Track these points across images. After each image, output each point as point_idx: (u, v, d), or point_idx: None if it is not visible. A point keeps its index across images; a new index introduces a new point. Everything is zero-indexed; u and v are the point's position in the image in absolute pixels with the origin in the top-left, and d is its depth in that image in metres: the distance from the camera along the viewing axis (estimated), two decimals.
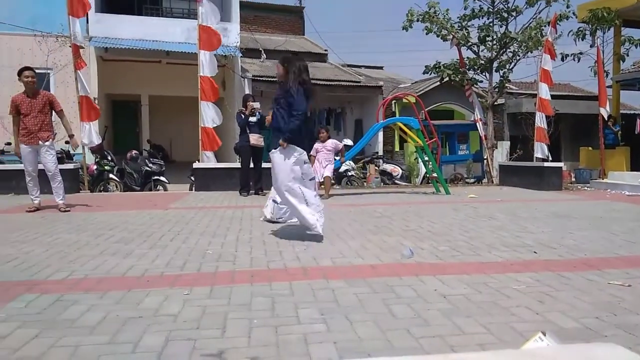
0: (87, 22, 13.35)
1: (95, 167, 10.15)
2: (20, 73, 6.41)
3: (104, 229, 5.10)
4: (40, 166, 6.56)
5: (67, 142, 11.71)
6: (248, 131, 8.39)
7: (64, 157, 10.38)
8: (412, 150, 13.86)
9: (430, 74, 14.21)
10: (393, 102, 15.84)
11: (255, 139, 8.36)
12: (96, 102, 10.14)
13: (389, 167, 13.46)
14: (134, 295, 2.86)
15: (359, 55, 75.20)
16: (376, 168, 13.64)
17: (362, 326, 2.39)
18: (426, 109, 11.04)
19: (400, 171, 13.33)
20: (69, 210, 6.50)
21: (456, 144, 14.81)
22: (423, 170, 12.65)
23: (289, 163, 4.48)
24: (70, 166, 9.28)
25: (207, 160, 9.64)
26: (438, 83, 16.42)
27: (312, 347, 2.13)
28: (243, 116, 8.45)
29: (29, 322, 2.43)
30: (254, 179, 8.66)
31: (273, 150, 4.59)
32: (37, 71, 6.93)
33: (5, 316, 2.51)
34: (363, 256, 3.90)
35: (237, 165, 9.16)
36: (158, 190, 10.30)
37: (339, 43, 60.51)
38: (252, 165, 8.59)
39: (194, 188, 9.79)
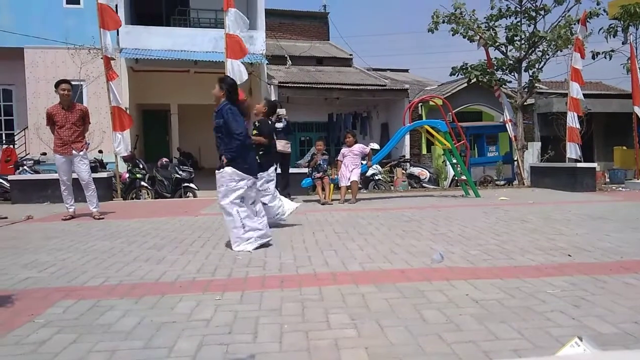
0: (118, 34, 13.72)
1: (127, 175, 10.39)
2: (57, 85, 6.62)
3: (137, 236, 5.21)
4: (75, 175, 6.75)
5: (100, 152, 12.07)
6: (275, 137, 8.46)
7: (97, 166, 10.68)
8: (439, 153, 13.73)
9: (457, 76, 14.08)
10: (420, 105, 15.73)
11: (282, 145, 8.41)
12: (127, 112, 10.39)
13: (416, 171, 13.37)
14: (168, 300, 2.92)
15: (384, 59, 75.01)
16: (403, 171, 13.56)
17: (393, 331, 2.38)
18: (454, 111, 10.93)
19: (428, 174, 13.22)
20: (102, 218, 6.67)
21: (485, 146, 14.59)
22: (451, 173, 12.51)
23: (230, 186, 4.42)
24: (103, 175, 9.54)
25: None
26: (465, 84, 16.25)
27: (344, 353, 2.13)
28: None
29: (68, 327, 2.50)
30: (281, 184, 8.71)
31: (217, 170, 4.56)
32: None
33: (44, 322, 2.59)
34: (392, 261, 3.88)
35: None
36: (188, 196, 10.47)
37: (364, 47, 60.49)
38: (279, 170, 8.65)
39: None
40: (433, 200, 8.61)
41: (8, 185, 9.70)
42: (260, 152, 5.68)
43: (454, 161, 9.57)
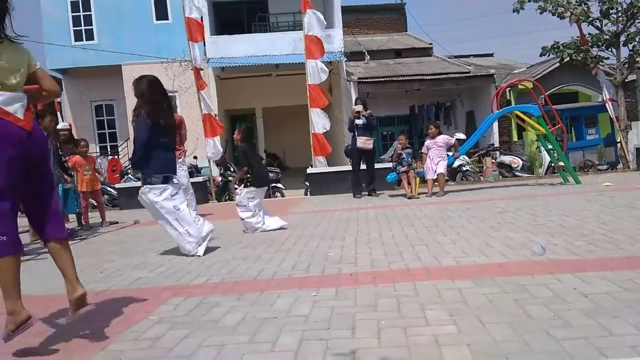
0: (204, 45, 14.45)
1: (220, 178, 10.96)
2: None
3: (233, 235, 5.48)
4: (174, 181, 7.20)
5: (195, 157, 12.81)
6: (356, 134, 8.49)
7: (193, 171, 11.34)
8: (532, 139, 12.99)
9: (548, 56, 13.23)
10: (508, 89, 14.98)
11: (362, 141, 8.41)
12: (217, 118, 10.93)
13: (507, 159, 12.76)
14: (267, 297, 3.04)
15: (466, 45, 72.17)
16: (493, 161, 12.98)
17: (495, 328, 2.29)
18: (546, 93, 10.27)
19: (521, 162, 12.56)
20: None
21: (584, 129, 13.57)
22: (547, 159, 11.79)
23: (157, 202, 4.40)
24: (199, 179, 10.12)
25: (320, 165, 9.91)
26: (558, 64, 15.17)
27: (445, 349, 2.09)
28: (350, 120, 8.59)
29: (179, 323, 2.69)
30: (366, 180, 8.72)
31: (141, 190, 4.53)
32: None
33: (158, 318, 2.80)
34: (488, 254, 3.74)
35: (350, 168, 9.29)
36: (276, 196, 10.81)
37: (444, 35, 58.57)
38: (364, 166, 8.66)
39: (309, 193, 10.12)
40: (528, 190, 8.17)
41: (115, 192, 10.60)
42: (249, 179, 5.70)
43: (550, 147, 9.01)
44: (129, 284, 3.67)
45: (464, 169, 11.51)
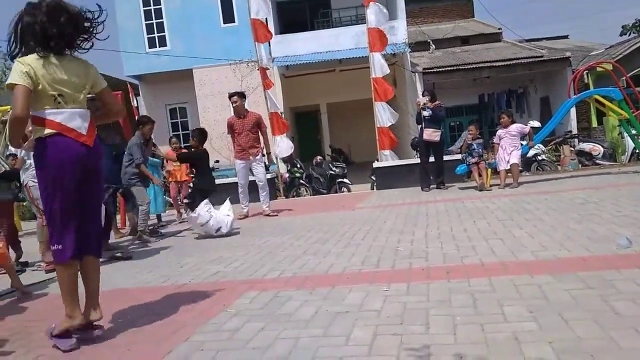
0: (269, 45, 14.75)
1: (287, 175, 11.16)
2: (229, 98, 7.30)
3: (302, 231, 5.57)
4: (251, 178, 7.41)
5: (263, 155, 13.14)
6: (423, 126, 8.32)
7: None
8: (614, 125, 12.14)
9: (629, 35, 12.30)
10: (585, 73, 14.07)
11: (428, 133, 8.22)
12: (283, 116, 11.13)
13: (587, 147, 12.00)
14: (339, 291, 3.07)
15: (538, 28, 68.49)
16: (571, 149, 12.26)
17: (579, 325, 2.18)
18: (628, 75, 9.54)
19: (602, 149, 11.77)
20: (276, 215, 7.24)
21: None
22: (631, 145, 10.97)
23: None
24: (267, 176, 10.34)
25: (386, 159, 9.82)
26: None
27: (525, 347, 2.02)
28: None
29: (255, 316, 2.78)
30: (434, 172, 8.53)
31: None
32: None
33: (235, 311, 2.91)
34: (569, 248, 3.55)
35: (417, 160, 9.13)
36: (343, 192, 10.85)
37: (514, 19, 55.93)
38: (432, 159, 8.48)
39: (375, 187, 10.07)
40: (611, 179, 7.65)
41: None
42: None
43: (634, 132, 8.37)
44: (206, 278, 3.85)
45: (540, 158, 10.96)
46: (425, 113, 8.22)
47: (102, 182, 2.94)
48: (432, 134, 8.20)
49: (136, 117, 15.11)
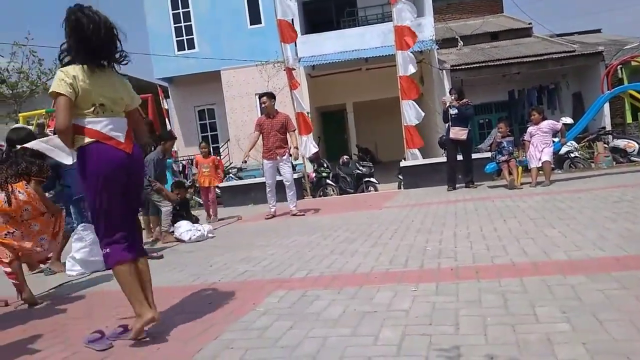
0: (295, 45, 14.83)
1: (314, 174, 11.19)
2: (259, 99, 7.37)
3: (329, 230, 5.58)
4: (279, 177, 7.45)
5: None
6: (450, 124, 8.22)
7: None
8: None
9: None
10: (619, 67, 13.66)
11: (454, 132, 8.11)
12: (309, 116, 11.16)
13: (621, 143, 11.63)
14: (366, 291, 3.07)
15: (570, 22, 66.69)
16: (605, 145, 11.91)
17: (614, 326, 2.13)
18: None
19: (637, 146, 11.39)
20: (303, 215, 7.27)
21: None
22: None
23: None
24: (294, 176, 10.38)
25: (414, 158, 9.74)
26: None
27: (558, 348, 1.98)
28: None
29: (284, 315, 2.81)
30: (463, 171, 8.41)
31: None
32: (259, 95, 7.94)
33: (264, 310, 2.94)
34: (603, 247, 3.46)
35: (444, 159, 9.03)
36: (369, 191, 10.81)
37: (544, 13, 54.66)
38: (460, 157, 8.37)
39: (402, 186, 10.00)
40: None
41: (219, 191, 11.24)
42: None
43: None
44: (235, 277, 3.89)
45: (572, 155, 10.69)
46: (452, 111, 8.12)
47: (142, 186, 3.07)
48: (458, 133, 8.09)
49: (166, 119, 15.40)
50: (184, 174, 14.09)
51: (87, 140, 2.60)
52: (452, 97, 8.23)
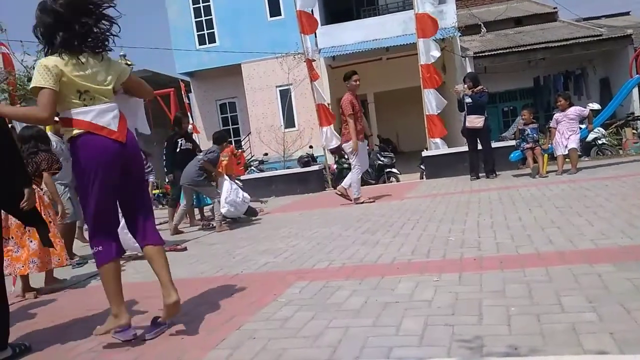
0: (315, 36, 14.78)
1: (335, 166, 11.17)
2: (349, 77, 6.90)
3: (351, 221, 5.57)
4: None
5: (310, 147, 13.21)
6: (466, 113, 8.07)
7: (309, 160, 11.71)
8: None
9: None
10: None
11: (470, 120, 7.97)
12: (330, 107, 11.13)
13: None
14: (388, 281, 3.05)
15: (596, 5, 64.65)
16: (634, 131, 11.59)
17: None
18: None
19: None
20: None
21: None
22: None
23: None
24: (315, 167, 10.41)
25: (436, 147, 9.63)
26: None
27: (584, 338, 1.94)
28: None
29: (305, 305, 2.82)
30: (482, 160, 8.25)
31: None
32: (280, 88, 7.92)
33: (285, 301, 2.96)
34: (632, 236, 3.37)
35: (467, 148, 8.89)
36: (391, 181, 10.75)
37: None
38: (480, 146, 8.22)
39: (424, 176, 9.90)
40: None
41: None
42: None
43: None
44: (258, 268, 3.92)
45: (600, 142, 10.43)
46: (468, 100, 7.98)
47: (144, 173, 2.87)
48: (474, 121, 7.95)
49: (189, 114, 15.55)
50: None
51: (76, 131, 2.48)
52: (465, 86, 8.08)
